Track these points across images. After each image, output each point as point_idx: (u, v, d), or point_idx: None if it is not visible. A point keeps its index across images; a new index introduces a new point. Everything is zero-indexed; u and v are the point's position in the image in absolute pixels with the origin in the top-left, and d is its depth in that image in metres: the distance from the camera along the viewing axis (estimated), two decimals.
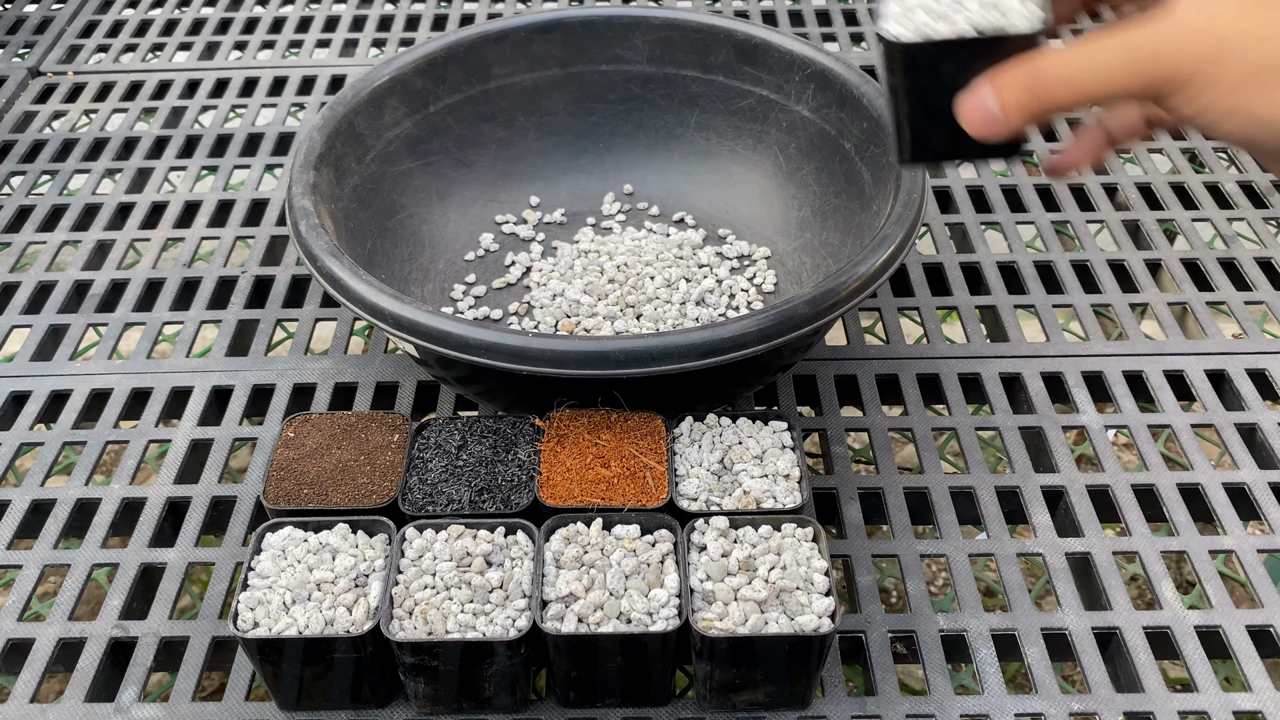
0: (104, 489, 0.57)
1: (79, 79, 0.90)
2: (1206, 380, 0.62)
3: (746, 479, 0.48)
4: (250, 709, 0.47)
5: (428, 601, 0.44)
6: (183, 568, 0.53)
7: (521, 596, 0.44)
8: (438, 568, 0.45)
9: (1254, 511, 0.55)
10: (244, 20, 0.97)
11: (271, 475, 0.49)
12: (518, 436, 0.50)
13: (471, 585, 0.44)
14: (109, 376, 0.63)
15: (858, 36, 0.93)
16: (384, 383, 0.62)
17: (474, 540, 0.46)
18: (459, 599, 0.44)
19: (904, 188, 0.55)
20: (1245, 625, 0.50)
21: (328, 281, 0.52)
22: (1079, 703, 0.47)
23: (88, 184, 0.78)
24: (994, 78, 0.38)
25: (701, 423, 0.51)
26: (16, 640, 0.50)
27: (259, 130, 0.83)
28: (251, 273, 0.70)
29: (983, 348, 0.64)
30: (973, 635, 0.50)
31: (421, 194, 0.66)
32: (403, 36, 0.94)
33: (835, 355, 0.63)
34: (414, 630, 0.43)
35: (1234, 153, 0.79)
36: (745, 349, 0.48)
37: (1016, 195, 0.75)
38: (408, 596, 0.44)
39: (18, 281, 0.70)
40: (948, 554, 0.53)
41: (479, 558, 0.45)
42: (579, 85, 0.69)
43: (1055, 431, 0.59)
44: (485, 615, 0.43)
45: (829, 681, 0.48)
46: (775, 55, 0.65)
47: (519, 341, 0.47)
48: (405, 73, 0.65)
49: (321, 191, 0.57)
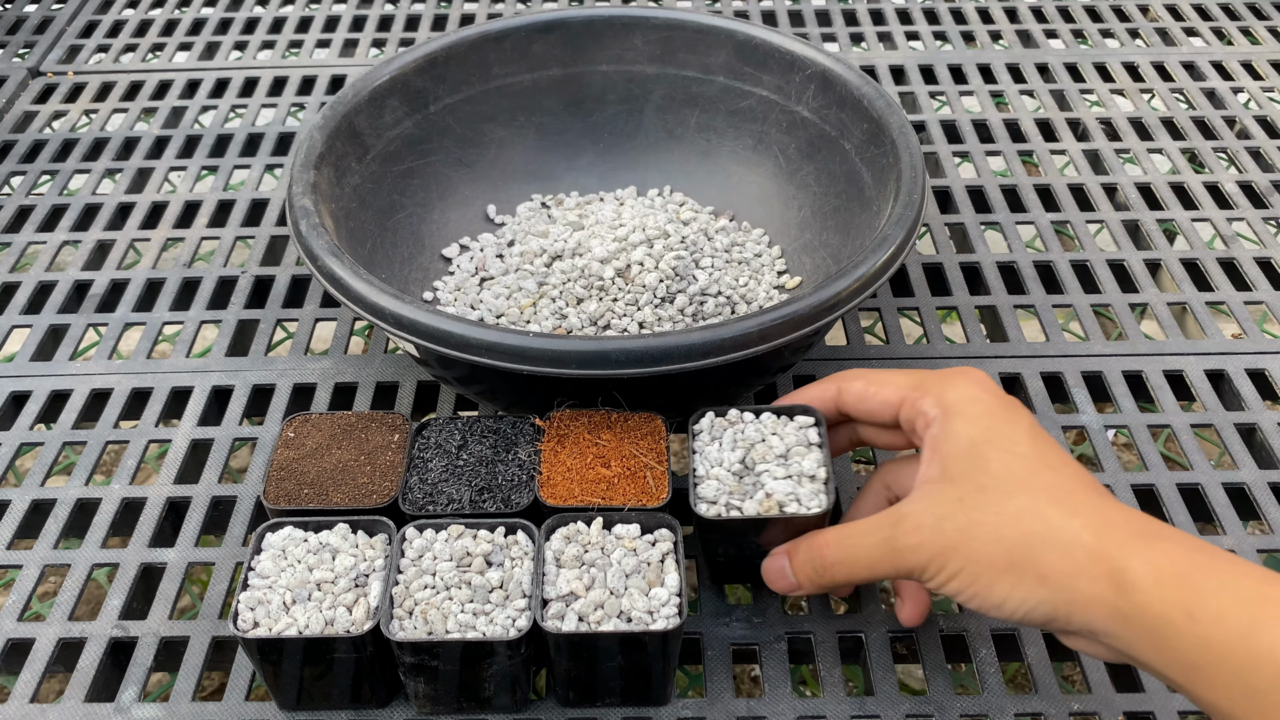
0: (104, 489, 0.57)
1: (79, 79, 0.90)
2: (1206, 380, 0.62)
3: (770, 480, 0.47)
4: (250, 709, 0.47)
5: (428, 601, 0.44)
6: (183, 568, 0.53)
7: (521, 596, 0.44)
8: (438, 567, 0.45)
9: (1254, 511, 0.55)
10: (244, 20, 0.97)
11: (272, 475, 0.49)
12: (518, 436, 0.50)
13: (471, 585, 0.44)
14: (109, 376, 0.63)
15: (858, 37, 0.94)
16: (384, 383, 0.62)
17: (474, 540, 0.46)
18: (459, 599, 0.44)
19: (904, 189, 0.55)
20: None
21: (328, 281, 0.52)
22: (1079, 703, 0.47)
23: (88, 184, 0.78)
24: (790, 553, 0.45)
25: (723, 418, 0.49)
26: (16, 640, 0.50)
27: (259, 130, 0.83)
28: (251, 273, 0.70)
29: (982, 348, 0.64)
30: (973, 635, 0.50)
31: (421, 194, 0.66)
32: (403, 36, 0.95)
33: (835, 355, 0.63)
34: (414, 630, 0.43)
35: (1233, 153, 0.79)
36: (745, 349, 0.48)
37: (1016, 195, 0.75)
38: (408, 596, 0.44)
39: (18, 281, 0.70)
40: None
41: (479, 557, 0.45)
42: (579, 85, 0.69)
43: (1055, 431, 0.59)
44: (485, 615, 0.43)
45: (829, 682, 0.48)
46: (776, 56, 0.65)
47: (519, 341, 0.47)
48: (405, 73, 0.65)
49: (322, 191, 0.57)
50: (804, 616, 0.50)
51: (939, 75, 0.88)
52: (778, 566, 0.46)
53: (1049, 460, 0.41)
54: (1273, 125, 0.82)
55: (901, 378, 0.46)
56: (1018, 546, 0.39)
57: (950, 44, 0.92)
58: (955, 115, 0.83)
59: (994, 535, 0.39)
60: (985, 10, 0.96)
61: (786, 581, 0.45)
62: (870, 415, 0.47)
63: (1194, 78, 0.88)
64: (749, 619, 0.50)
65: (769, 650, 0.49)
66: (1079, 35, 0.93)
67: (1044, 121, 0.82)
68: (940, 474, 0.41)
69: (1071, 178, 0.77)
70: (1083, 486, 0.40)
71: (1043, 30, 0.93)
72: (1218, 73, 0.88)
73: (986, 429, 0.42)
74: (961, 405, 0.43)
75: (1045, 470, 0.41)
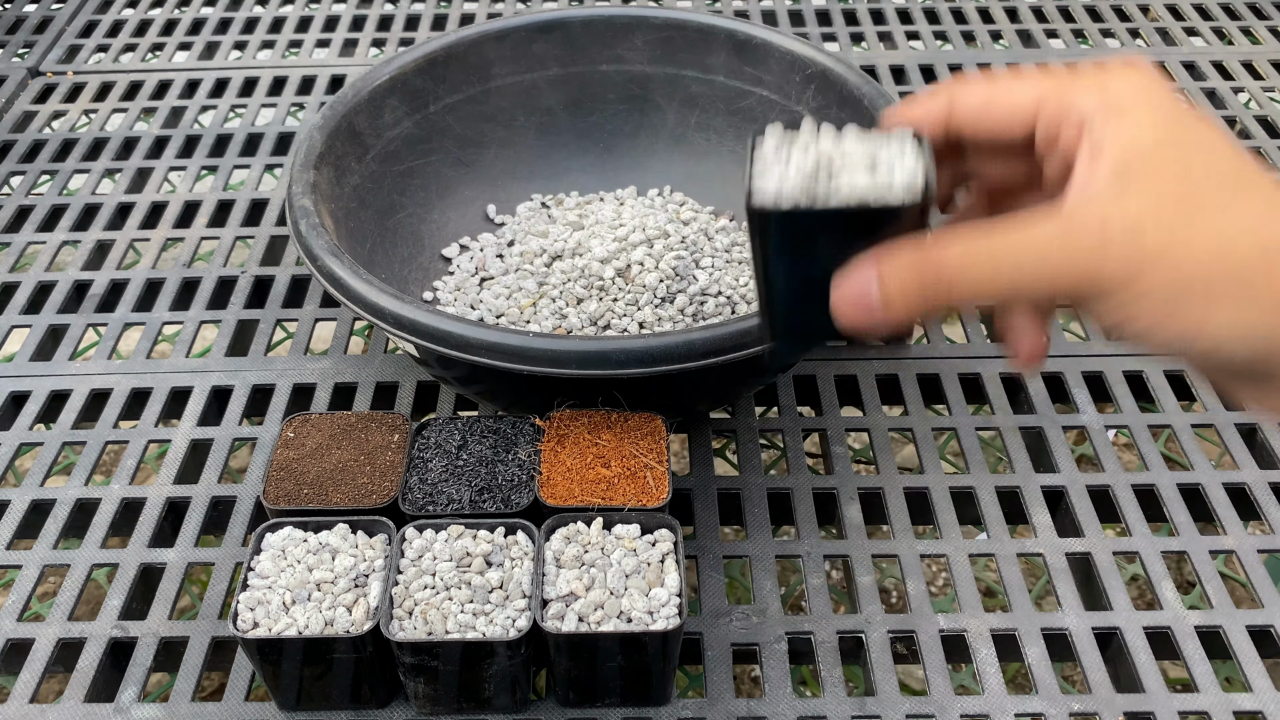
0: (104, 489, 0.57)
1: (79, 79, 0.90)
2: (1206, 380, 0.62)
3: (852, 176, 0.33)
4: (250, 709, 0.47)
5: (428, 601, 0.44)
6: (182, 568, 0.53)
7: (521, 596, 0.44)
8: (437, 568, 0.45)
9: (1254, 511, 0.55)
10: (244, 20, 0.97)
11: (271, 475, 0.49)
12: (518, 436, 0.50)
13: (471, 585, 0.44)
14: (109, 376, 0.63)
15: (858, 36, 0.94)
16: (384, 383, 0.62)
17: (474, 540, 0.46)
18: (459, 599, 0.44)
19: None
20: (1245, 625, 0.50)
21: (328, 281, 0.52)
22: (1079, 703, 0.47)
23: (87, 184, 0.78)
24: (880, 260, 0.33)
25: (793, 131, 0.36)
26: (16, 640, 0.50)
27: (259, 130, 0.83)
28: (251, 273, 0.70)
29: (983, 348, 0.64)
30: (973, 635, 0.50)
31: (421, 194, 0.66)
32: (403, 36, 0.94)
33: (835, 355, 0.63)
34: (414, 630, 0.43)
35: None
36: (745, 349, 0.48)
37: None
38: (408, 596, 0.44)
39: (18, 281, 0.70)
40: (948, 554, 0.53)
41: (479, 558, 0.45)
42: (579, 85, 0.69)
43: (1055, 431, 0.59)
44: (485, 615, 0.43)
45: (829, 681, 0.48)
46: (776, 55, 0.65)
47: (519, 341, 0.47)
48: (405, 72, 0.65)
49: (321, 191, 0.57)
50: (804, 616, 0.50)
51: (939, 75, 0.88)
52: (858, 283, 0.33)
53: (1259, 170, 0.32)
54: (1273, 125, 0.81)
55: (1034, 76, 0.34)
56: (1250, 258, 0.30)
57: (951, 44, 0.92)
58: None
59: (1215, 244, 0.30)
60: (986, 10, 0.96)
61: (865, 302, 0.33)
62: (994, 132, 0.35)
63: (1194, 78, 0.88)
64: (748, 618, 0.50)
65: (769, 650, 0.49)
66: (1079, 35, 0.93)
67: None
68: (1118, 172, 0.31)
69: None
70: None
71: (1043, 30, 0.93)
72: (1218, 73, 0.88)
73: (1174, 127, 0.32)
74: (1133, 98, 0.32)
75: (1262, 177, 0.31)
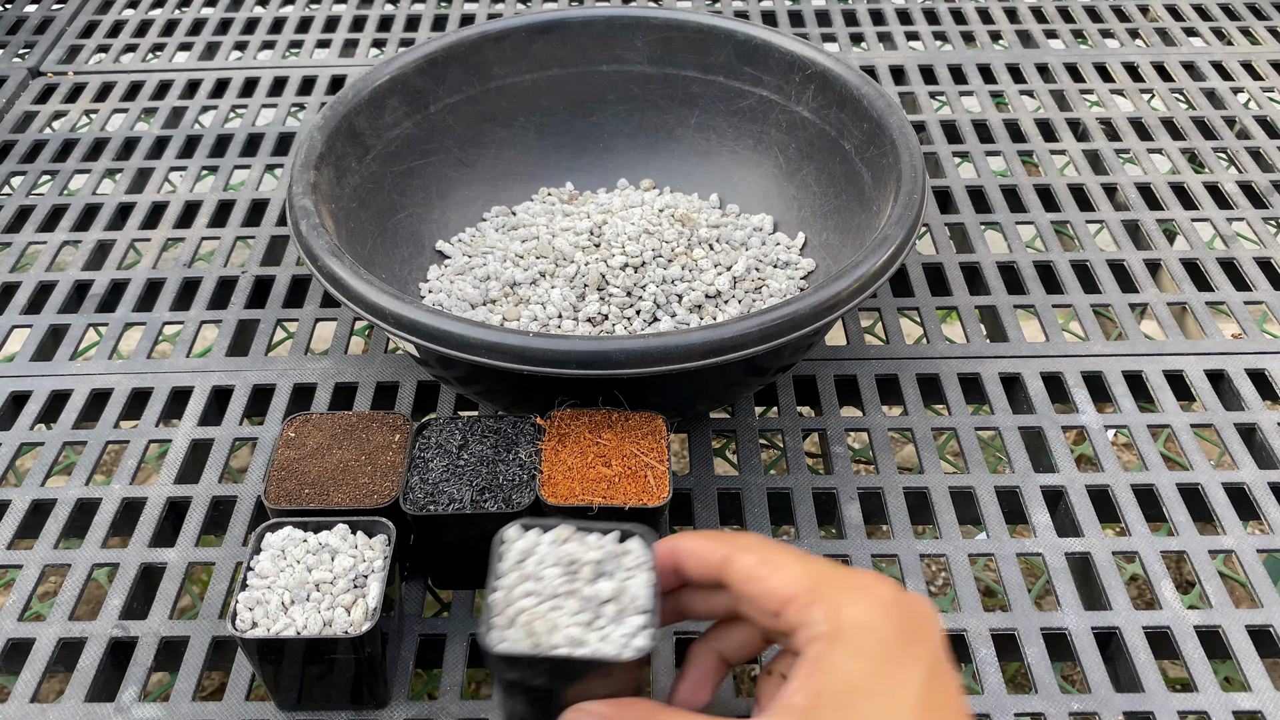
0: (104, 489, 0.57)
1: (79, 79, 0.90)
2: (1206, 380, 0.62)
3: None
4: (250, 709, 0.47)
5: (531, 611, 0.39)
6: (183, 568, 0.53)
7: (640, 613, 0.39)
8: (544, 573, 0.40)
9: (1254, 511, 0.55)
10: (244, 20, 0.97)
11: (272, 475, 0.49)
12: (519, 436, 0.50)
13: (582, 595, 0.39)
14: (109, 376, 0.63)
15: (858, 37, 0.94)
16: (384, 383, 0.62)
17: (582, 546, 0.41)
18: (567, 609, 0.39)
19: (904, 189, 0.55)
20: (1245, 625, 0.50)
21: (328, 281, 0.52)
22: (1079, 703, 0.47)
23: (88, 184, 0.78)
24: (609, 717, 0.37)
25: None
26: (16, 640, 0.50)
27: (259, 130, 0.83)
28: (252, 273, 0.70)
29: (982, 348, 0.64)
30: (973, 635, 0.50)
31: (421, 194, 0.66)
32: (403, 36, 0.95)
33: (835, 355, 0.63)
34: (516, 643, 0.38)
35: (1233, 153, 0.79)
36: (745, 349, 0.48)
37: (1016, 195, 0.75)
38: (509, 605, 0.39)
39: (18, 281, 0.70)
40: (947, 554, 0.53)
41: (588, 565, 0.40)
42: (579, 85, 0.69)
43: (1055, 431, 0.59)
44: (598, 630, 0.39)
45: None
46: (775, 56, 0.65)
47: (520, 341, 0.47)
48: (405, 73, 0.65)
49: (322, 191, 0.57)
50: None
51: (939, 75, 0.88)
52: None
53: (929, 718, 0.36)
54: (1273, 125, 0.82)
55: (800, 567, 0.38)
56: None
57: (950, 44, 0.92)
58: (955, 115, 0.83)
59: None
60: (985, 10, 0.96)
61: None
62: (752, 598, 0.39)
63: (1194, 78, 0.88)
64: None
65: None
66: (1079, 35, 0.93)
67: (1044, 121, 0.82)
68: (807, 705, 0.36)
69: (1071, 178, 0.77)
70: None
71: (1043, 30, 0.93)
72: (1218, 73, 0.88)
73: (872, 672, 0.36)
74: (854, 633, 0.37)
75: None
